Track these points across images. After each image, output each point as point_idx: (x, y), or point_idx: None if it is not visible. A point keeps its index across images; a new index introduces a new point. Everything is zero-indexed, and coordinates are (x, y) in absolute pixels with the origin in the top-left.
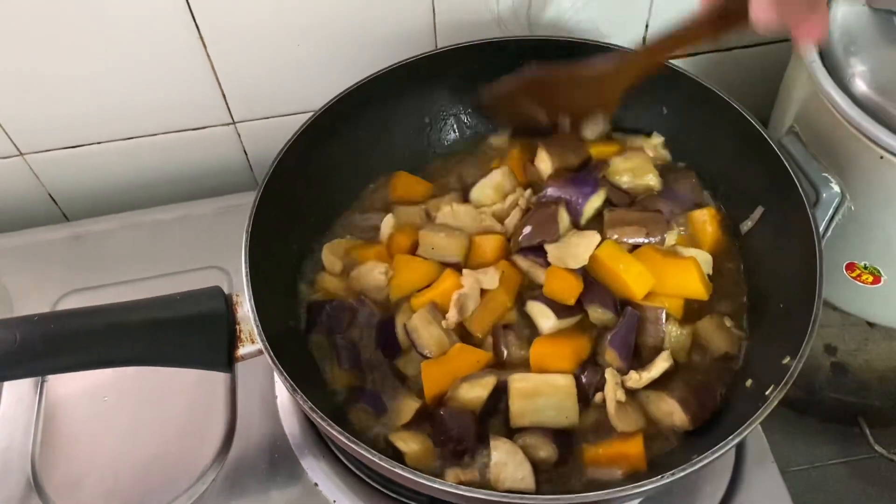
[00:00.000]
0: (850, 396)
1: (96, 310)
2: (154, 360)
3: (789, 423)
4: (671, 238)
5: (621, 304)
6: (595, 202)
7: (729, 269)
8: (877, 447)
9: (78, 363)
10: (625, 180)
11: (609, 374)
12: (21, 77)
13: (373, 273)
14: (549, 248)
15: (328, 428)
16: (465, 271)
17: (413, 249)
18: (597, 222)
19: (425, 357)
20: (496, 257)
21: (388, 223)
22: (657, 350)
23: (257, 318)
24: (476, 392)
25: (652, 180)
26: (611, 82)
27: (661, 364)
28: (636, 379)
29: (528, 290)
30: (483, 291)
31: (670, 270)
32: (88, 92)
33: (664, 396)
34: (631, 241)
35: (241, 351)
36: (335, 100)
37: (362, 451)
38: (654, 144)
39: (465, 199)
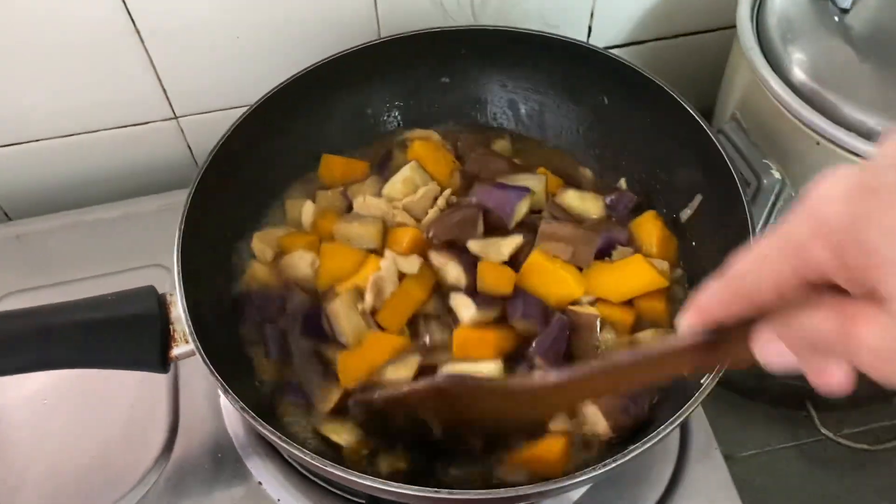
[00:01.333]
0: (797, 380)
1: (26, 312)
2: (87, 363)
3: (740, 409)
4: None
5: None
6: (524, 206)
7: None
8: (823, 430)
9: (8, 367)
10: (573, 205)
11: None
12: None
13: (300, 263)
14: (471, 244)
15: (259, 427)
16: (385, 252)
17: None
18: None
19: (343, 346)
20: (411, 250)
21: (308, 210)
22: (589, 356)
23: (189, 319)
24: (402, 373)
25: (597, 214)
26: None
27: None
28: None
29: (443, 287)
30: (402, 277)
31: (621, 272)
32: (26, 89)
33: (590, 405)
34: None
35: (176, 351)
36: (272, 92)
37: (292, 449)
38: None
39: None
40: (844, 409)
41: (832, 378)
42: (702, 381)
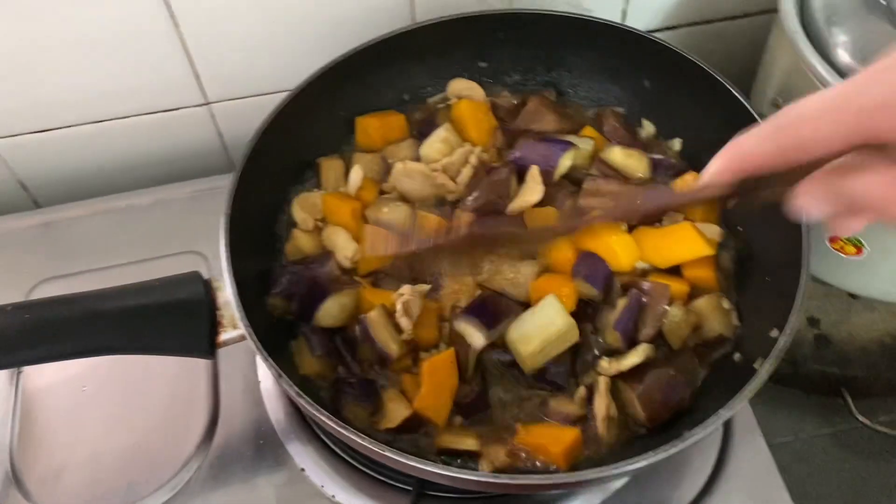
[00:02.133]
0: (832, 368)
1: (72, 298)
2: (133, 349)
3: (774, 396)
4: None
5: (622, 286)
6: (567, 160)
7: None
8: (859, 417)
9: (55, 354)
10: (617, 161)
11: (602, 384)
12: None
13: (343, 249)
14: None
15: (314, 412)
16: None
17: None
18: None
19: (384, 354)
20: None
21: (356, 175)
22: (656, 329)
23: (239, 304)
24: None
25: (643, 172)
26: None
27: (632, 357)
28: (605, 367)
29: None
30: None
31: (668, 238)
32: (58, 74)
33: (628, 389)
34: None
35: (223, 336)
36: (312, 78)
37: (351, 436)
38: (648, 129)
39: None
40: (880, 396)
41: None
42: (755, 366)
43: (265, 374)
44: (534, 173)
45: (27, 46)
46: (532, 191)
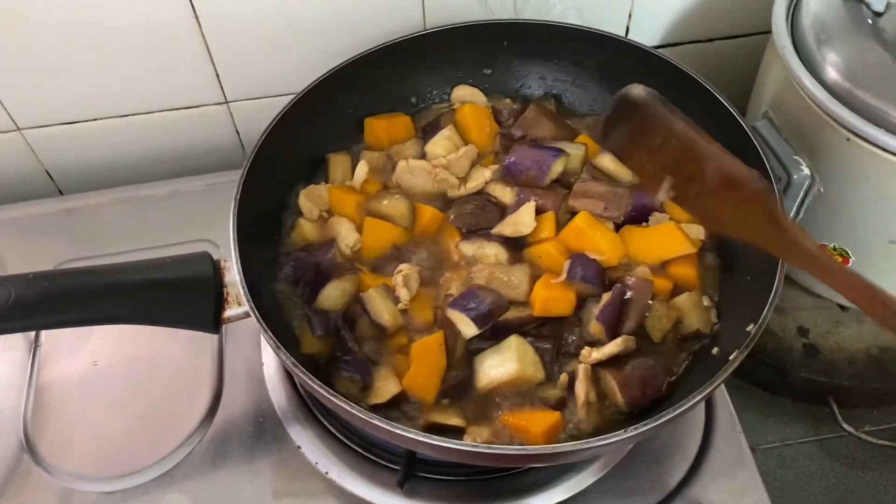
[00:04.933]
0: (820, 376)
1: (89, 270)
2: (144, 319)
3: (762, 403)
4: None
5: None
6: (558, 166)
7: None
8: (845, 426)
9: (70, 320)
10: (607, 167)
11: (582, 371)
12: (20, 54)
13: (346, 238)
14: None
15: (310, 382)
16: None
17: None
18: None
19: (380, 326)
20: (434, 229)
21: (362, 170)
22: (638, 322)
23: (244, 282)
24: None
25: (632, 177)
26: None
27: (612, 347)
28: (585, 355)
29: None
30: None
31: (653, 236)
32: (86, 69)
33: (608, 376)
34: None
35: (228, 313)
36: (322, 79)
37: (341, 404)
38: None
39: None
40: (866, 406)
41: None
42: (730, 358)
43: (269, 356)
44: (529, 207)
45: (58, 42)
46: (524, 224)
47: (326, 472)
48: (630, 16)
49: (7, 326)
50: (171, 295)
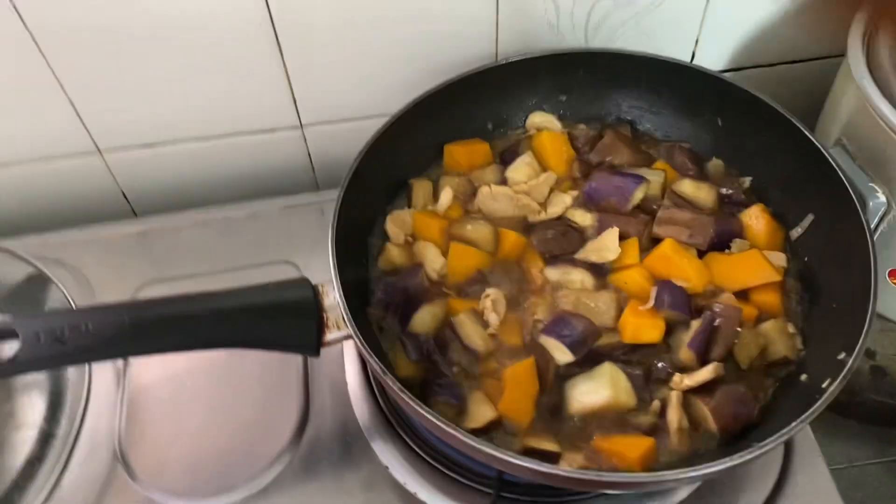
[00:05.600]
0: (888, 399)
1: (198, 296)
2: (251, 343)
3: (829, 425)
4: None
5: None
6: (640, 192)
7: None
8: None
9: (184, 344)
10: (688, 193)
11: (674, 398)
12: (102, 78)
13: (432, 262)
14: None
15: (416, 407)
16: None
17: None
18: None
19: (472, 351)
20: (517, 253)
21: (446, 196)
22: (727, 349)
23: (346, 306)
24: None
25: (712, 204)
26: None
27: (704, 374)
28: (677, 382)
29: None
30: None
31: (737, 263)
32: (164, 92)
33: (700, 403)
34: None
35: (329, 336)
36: (408, 107)
37: (444, 427)
38: (716, 166)
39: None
40: None
41: None
42: (823, 386)
43: (353, 375)
44: (613, 233)
45: (139, 65)
46: (609, 249)
47: (415, 493)
48: (697, 42)
49: (126, 350)
50: (276, 319)
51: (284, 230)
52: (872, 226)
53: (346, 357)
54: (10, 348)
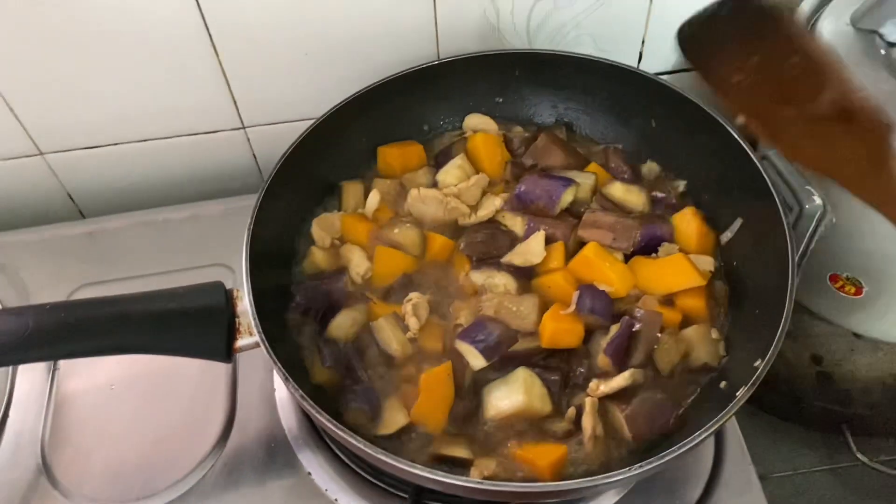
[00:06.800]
0: (834, 405)
1: (104, 300)
2: (158, 349)
3: (774, 431)
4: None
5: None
6: (568, 196)
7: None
8: (859, 455)
9: (86, 350)
10: (617, 196)
11: (589, 405)
12: (42, 80)
13: (357, 266)
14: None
15: (317, 415)
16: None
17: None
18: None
19: (389, 356)
20: (445, 257)
21: (374, 199)
22: (646, 355)
23: (255, 313)
24: None
25: (642, 207)
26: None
27: (619, 380)
28: (593, 388)
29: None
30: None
31: (662, 267)
32: (106, 95)
33: (616, 410)
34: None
35: (240, 343)
36: (338, 107)
37: (349, 438)
38: (651, 169)
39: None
40: (881, 435)
41: None
42: (737, 394)
43: (280, 382)
44: (539, 237)
45: (79, 69)
46: (534, 253)
47: (336, 500)
48: (643, 42)
49: (26, 356)
50: (184, 326)
51: (224, 233)
52: (810, 229)
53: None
54: None
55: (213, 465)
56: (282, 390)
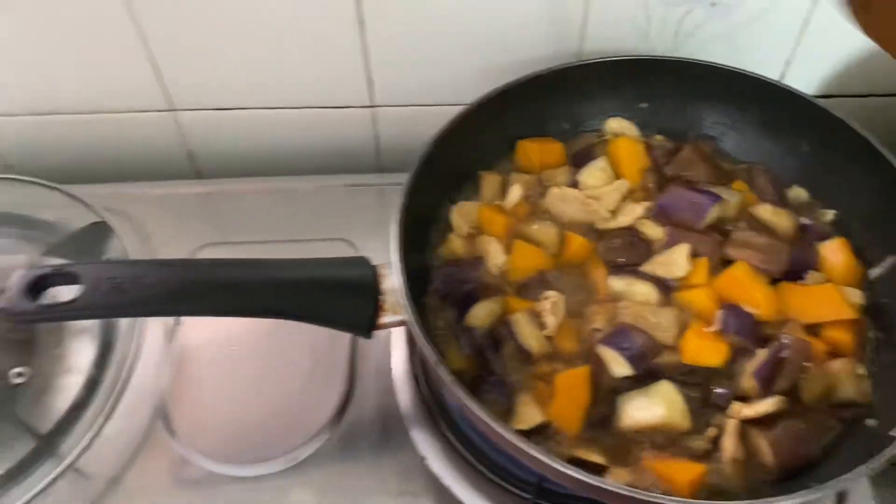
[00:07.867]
0: None
1: (259, 263)
2: (305, 317)
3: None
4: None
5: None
6: (715, 211)
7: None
8: None
9: (239, 309)
10: (766, 218)
11: (732, 426)
12: (183, 39)
13: (494, 258)
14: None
15: (466, 402)
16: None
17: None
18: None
19: (526, 352)
20: (581, 259)
21: (515, 192)
22: (792, 382)
23: (408, 292)
24: None
25: (791, 232)
26: None
27: (766, 405)
28: (736, 410)
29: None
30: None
31: (811, 296)
32: (243, 60)
33: (759, 435)
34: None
35: (384, 320)
36: (486, 98)
37: (493, 424)
38: (797, 193)
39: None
40: None
41: None
42: (891, 433)
43: (398, 363)
44: (683, 250)
45: (221, 30)
46: (678, 266)
47: (450, 487)
48: (788, 62)
49: (179, 308)
50: (332, 295)
51: (345, 208)
52: None
53: (392, 343)
54: (70, 292)
55: (329, 436)
56: (398, 371)
